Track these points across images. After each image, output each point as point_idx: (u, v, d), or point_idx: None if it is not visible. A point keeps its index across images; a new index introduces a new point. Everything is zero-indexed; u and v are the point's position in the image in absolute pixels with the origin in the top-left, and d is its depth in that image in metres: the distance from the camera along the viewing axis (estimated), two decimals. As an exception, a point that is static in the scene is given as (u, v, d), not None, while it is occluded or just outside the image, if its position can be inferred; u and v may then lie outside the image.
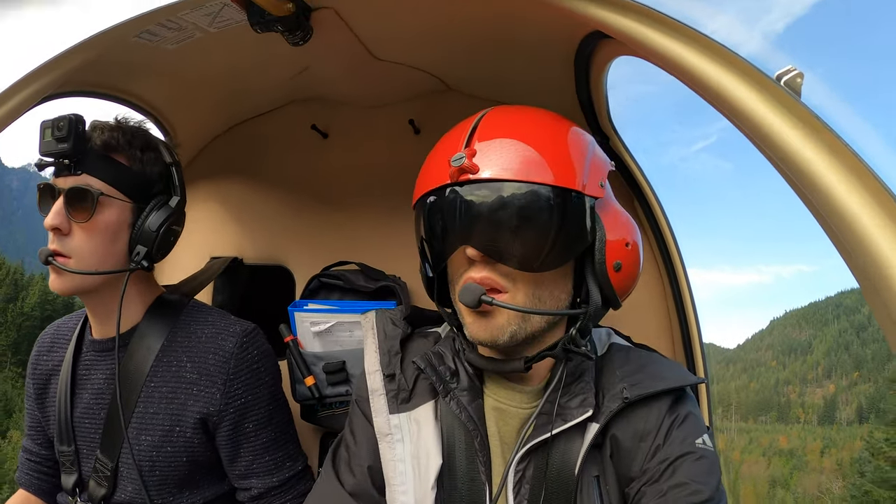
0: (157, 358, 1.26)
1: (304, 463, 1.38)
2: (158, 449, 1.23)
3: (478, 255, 0.85)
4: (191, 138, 1.84)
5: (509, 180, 0.83)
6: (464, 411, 0.94)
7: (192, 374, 1.24)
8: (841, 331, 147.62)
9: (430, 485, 0.94)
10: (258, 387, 1.28)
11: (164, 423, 1.23)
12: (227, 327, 1.30)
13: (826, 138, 0.70)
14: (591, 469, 0.91)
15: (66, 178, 1.16)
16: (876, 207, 0.67)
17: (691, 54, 0.81)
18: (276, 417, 1.33)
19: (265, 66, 1.55)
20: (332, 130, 1.86)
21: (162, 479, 1.25)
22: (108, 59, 1.31)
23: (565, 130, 0.91)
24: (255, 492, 1.30)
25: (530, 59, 1.37)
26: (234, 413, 1.25)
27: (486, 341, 0.88)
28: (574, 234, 0.87)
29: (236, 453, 1.28)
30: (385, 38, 1.43)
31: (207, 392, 1.23)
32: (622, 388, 0.91)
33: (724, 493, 0.88)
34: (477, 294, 0.83)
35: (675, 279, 1.51)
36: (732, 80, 0.77)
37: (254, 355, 1.29)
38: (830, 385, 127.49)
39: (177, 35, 1.29)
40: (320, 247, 1.86)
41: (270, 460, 1.31)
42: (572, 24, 1.12)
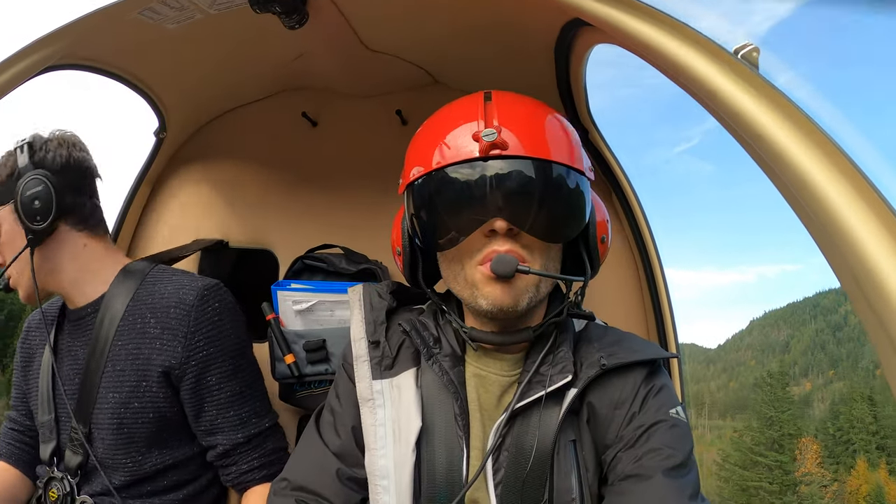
0: (123, 317, 1.30)
1: (272, 421, 1.40)
2: (125, 405, 1.26)
3: (505, 227, 0.89)
4: (183, 121, 1.89)
5: (536, 158, 0.89)
6: (445, 375, 0.99)
7: (155, 328, 1.28)
8: (818, 330, 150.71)
9: (409, 448, 0.97)
10: (220, 339, 1.30)
11: (131, 380, 1.27)
12: (190, 283, 1.34)
13: (781, 103, 0.75)
14: (568, 433, 0.95)
15: None
16: (832, 168, 0.70)
17: (666, 38, 0.86)
18: (240, 372, 1.34)
19: (262, 51, 1.60)
20: (321, 119, 1.92)
21: (130, 436, 1.27)
22: (110, 34, 1.36)
23: (557, 115, 0.99)
24: (221, 449, 1.32)
25: (513, 52, 1.44)
26: (195, 366, 1.27)
27: (510, 306, 0.91)
28: (583, 210, 0.96)
29: (200, 408, 1.30)
30: (377, 29, 1.50)
31: (170, 345, 1.26)
32: (599, 357, 0.96)
33: (695, 462, 0.93)
34: (513, 265, 0.87)
35: (650, 269, 1.59)
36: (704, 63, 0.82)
37: (215, 308, 1.32)
38: (807, 383, 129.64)
39: (178, 14, 1.34)
40: (306, 232, 1.91)
41: (235, 416, 1.32)
42: (553, 13, 1.19)
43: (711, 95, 0.81)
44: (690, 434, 0.96)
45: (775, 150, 0.74)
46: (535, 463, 0.93)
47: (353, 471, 1.03)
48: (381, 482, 0.98)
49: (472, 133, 0.90)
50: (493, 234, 0.90)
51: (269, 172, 1.97)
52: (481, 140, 0.87)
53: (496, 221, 0.88)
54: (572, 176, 0.93)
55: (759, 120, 0.75)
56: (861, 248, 0.65)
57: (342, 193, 1.92)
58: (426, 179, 0.94)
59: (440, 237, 0.94)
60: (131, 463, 1.29)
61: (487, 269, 0.89)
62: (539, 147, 0.90)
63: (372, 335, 1.06)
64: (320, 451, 1.06)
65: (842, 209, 0.67)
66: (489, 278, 0.90)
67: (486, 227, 0.90)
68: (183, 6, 1.32)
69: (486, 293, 0.92)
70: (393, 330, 1.08)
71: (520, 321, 0.98)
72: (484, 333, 0.99)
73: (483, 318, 0.99)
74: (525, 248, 0.91)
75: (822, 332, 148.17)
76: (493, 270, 0.88)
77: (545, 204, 0.90)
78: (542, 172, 0.90)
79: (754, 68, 0.78)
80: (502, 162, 0.88)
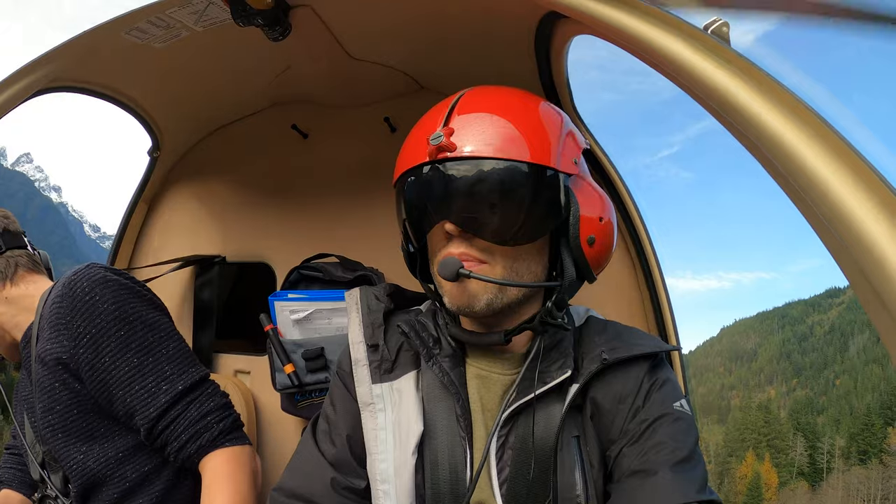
0: (37, 336, 1.29)
1: (190, 379, 1.24)
2: (50, 411, 1.24)
3: (455, 229, 0.88)
4: (176, 139, 1.92)
5: (485, 157, 0.86)
6: (446, 376, 0.98)
7: (45, 331, 1.25)
8: (784, 340, 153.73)
9: (409, 452, 0.96)
10: (98, 316, 1.20)
11: (45, 386, 1.24)
12: (62, 278, 1.30)
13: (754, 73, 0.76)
14: (571, 429, 0.94)
15: None
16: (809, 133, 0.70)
17: (638, 21, 0.87)
18: (132, 342, 1.21)
19: (249, 66, 1.64)
20: (312, 131, 1.95)
21: (65, 438, 1.25)
22: (99, 56, 1.40)
23: (538, 107, 0.94)
24: (144, 430, 1.21)
25: (494, 51, 1.46)
26: (85, 352, 1.19)
27: (464, 306, 0.91)
28: (547, 210, 0.90)
29: (109, 393, 1.20)
30: (360, 37, 1.52)
31: (57, 340, 1.22)
32: (601, 351, 0.95)
33: (701, 454, 0.91)
34: (455, 267, 0.87)
35: (647, 269, 1.60)
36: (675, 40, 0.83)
37: (83, 287, 1.22)
38: (771, 390, 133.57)
39: (164, 33, 1.38)
40: (301, 243, 1.93)
41: (141, 388, 1.19)
42: (529, 7, 1.21)
43: (685, 71, 0.81)
44: (695, 427, 0.94)
45: (753, 121, 0.74)
46: (539, 460, 0.92)
47: (349, 480, 1.01)
48: (382, 486, 0.96)
49: (427, 136, 0.89)
50: (450, 235, 0.90)
51: (263, 186, 1.99)
52: (429, 144, 0.88)
53: (445, 224, 0.89)
54: (531, 173, 0.88)
55: (732, 90, 0.76)
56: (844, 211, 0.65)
57: (335, 203, 1.94)
58: (397, 183, 0.97)
59: (410, 237, 0.98)
60: (80, 465, 1.25)
61: None
62: (488, 145, 0.87)
63: (370, 338, 1.05)
64: (315, 459, 1.04)
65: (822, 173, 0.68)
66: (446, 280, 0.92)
67: (439, 230, 0.91)
68: (169, 24, 1.35)
69: (446, 292, 0.93)
70: (391, 332, 1.06)
71: (496, 321, 0.97)
72: (462, 332, 0.99)
73: (465, 318, 1.01)
74: (483, 251, 0.90)
75: (788, 341, 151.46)
76: (439, 273, 0.90)
77: (494, 205, 0.87)
78: (488, 172, 0.86)
79: (725, 42, 0.79)
80: (450, 165, 0.88)
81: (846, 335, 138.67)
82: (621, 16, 0.89)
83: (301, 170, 1.96)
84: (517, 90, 0.98)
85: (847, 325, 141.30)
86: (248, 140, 1.99)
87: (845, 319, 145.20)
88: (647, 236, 1.62)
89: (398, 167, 0.96)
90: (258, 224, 1.98)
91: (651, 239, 1.62)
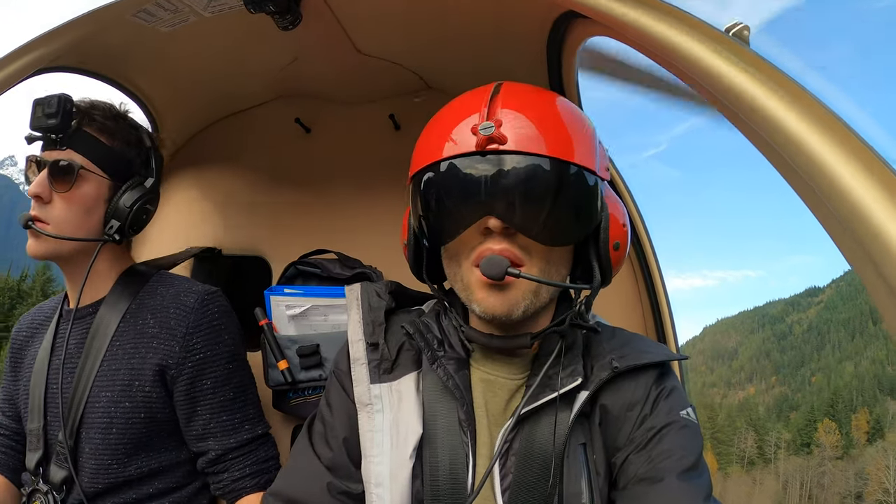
0: (124, 318, 1.31)
1: (264, 429, 1.40)
2: (117, 404, 1.25)
3: (500, 226, 0.85)
4: (177, 129, 1.89)
5: (540, 154, 0.84)
6: (451, 379, 0.95)
7: (153, 328, 1.29)
8: (764, 339, 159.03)
9: (407, 455, 0.93)
10: (217, 344, 1.32)
11: (125, 378, 1.26)
12: (191, 287, 1.37)
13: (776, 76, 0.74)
14: (578, 437, 0.92)
15: (52, 152, 1.26)
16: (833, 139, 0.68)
17: (659, 23, 0.85)
18: (234, 378, 1.35)
19: (255, 55, 1.61)
20: (315, 126, 1.93)
21: (119, 437, 1.25)
22: (104, 37, 1.37)
23: (579, 113, 0.94)
24: (213, 454, 1.31)
25: (504, 52, 1.45)
26: (191, 367, 1.28)
27: (502, 315, 0.88)
28: (590, 213, 0.90)
29: (193, 411, 1.30)
30: (369, 31, 1.51)
31: (167, 345, 1.27)
32: (611, 359, 0.93)
33: (706, 463, 0.90)
34: (503, 266, 0.83)
35: (649, 276, 1.59)
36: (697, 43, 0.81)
37: (214, 312, 1.33)
38: (751, 388, 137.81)
39: (172, 17, 1.35)
40: (299, 238, 1.90)
41: (228, 420, 1.32)
42: (546, 6, 1.19)
43: (706, 74, 0.81)
44: (701, 435, 0.93)
45: (773, 124, 0.73)
46: (545, 467, 0.90)
47: (345, 484, 0.99)
48: (377, 490, 0.94)
49: (472, 126, 0.86)
50: (489, 232, 0.87)
51: (263, 179, 1.97)
52: (478, 133, 0.84)
53: (490, 219, 0.85)
54: (577, 174, 0.87)
55: (754, 94, 0.75)
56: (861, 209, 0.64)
57: (336, 199, 1.92)
58: (426, 173, 0.91)
59: (437, 232, 0.92)
60: (116, 465, 1.25)
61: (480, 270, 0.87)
62: (541, 142, 0.85)
63: (370, 337, 1.02)
64: (311, 463, 1.02)
65: (846, 180, 0.66)
66: (482, 283, 0.88)
67: (480, 225, 0.86)
68: (177, 8, 1.33)
69: (480, 299, 0.89)
70: (392, 331, 1.04)
71: (521, 325, 0.95)
72: (481, 335, 0.95)
73: (483, 320, 0.96)
74: (522, 250, 0.87)
75: (768, 340, 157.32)
76: (483, 271, 0.85)
77: (543, 203, 0.85)
78: (542, 170, 0.84)
79: (746, 45, 0.79)
80: (499, 157, 0.84)
81: (823, 333, 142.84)
82: (643, 16, 0.88)
83: (302, 164, 1.94)
84: (550, 91, 0.96)
85: (824, 324, 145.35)
86: (250, 132, 1.97)
87: (823, 318, 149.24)
88: (651, 245, 1.62)
89: (423, 157, 0.92)
90: (256, 217, 1.95)
91: (654, 246, 1.61)
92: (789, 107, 0.72)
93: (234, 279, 2.05)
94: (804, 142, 0.70)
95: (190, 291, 1.34)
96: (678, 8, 0.86)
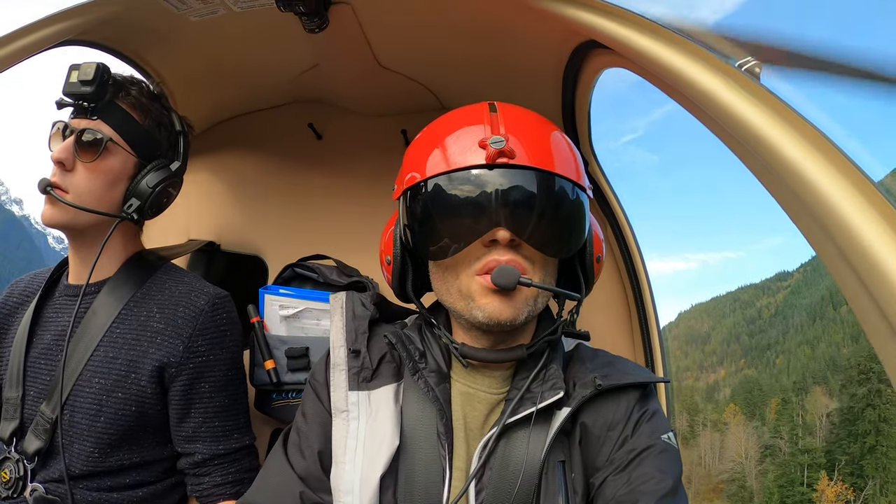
0: (127, 306, 1.29)
1: (251, 440, 1.39)
2: (109, 393, 1.22)
3: (508, 237, 0.87)
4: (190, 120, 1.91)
5: (547, 171, 0.89)
6: (431, 391, 0.95)
7: (159, 323, 1.27)
8: (735, 323, 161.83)
9: (380, 465, 0.93)
10: (221, 349, 1.31)
11: (121, 369, 1.23)
12: (202, 288, 1.35)
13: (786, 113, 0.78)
14: (557, 454, 0.92)
15: (82, 120, 1.25)
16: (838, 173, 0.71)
17: (676, 56, 0.89)
18: (231, 386, 1.34)
19: (277, 57, 1.64)
20: (327, 133, 1.96)
21: (106, 426, 1.22)
22: (133, 17, 1.39)
23: (567, 138, 0.99)
24: (199, 457, 1.29)
25: (521, 76, 1.49)
26: (192, 368, 1.27)
27: (507, 320, 0.90)
28: (584, 227, 0.96)
29: (187, 412, 1.29)
30: (392, 45, 1.55)
31: (171, 342, 1.25)
32: (594, 377, 0.94)
33: (684, 487, 0.91)
34: (515, 276, 0.86)
35: (639, 293, 1.60)
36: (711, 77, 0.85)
37: (223, 317, 1.33)
38: (722, 371, 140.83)
39: (202, 7, 1.37)
40: (299, 242, 1.90)
41: (220, 426, 1.31)
42: (567, 34, 1.23)
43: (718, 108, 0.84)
44: (680, 459, 0.93)
45: (781, 158, 0.76)
46: (522, 483, 0.90)
47: (318, 495, 0.98)
48: (345, 498, 0.93)
49: (479, 140, 0.88)
50: (494, 243, 0.88)
51: (269, 180, 1.98)
52: (488, 147, 0.86)
53: (499, 231, 0.87)
54: (576, 191, 0.93)
55: (763, 128, 0.78)
56: (865, 246, 0.66)
57: (340, 207, 1.93)
58: (426, 185, 0.92)
59: (437, 245, 0.92)
60: (98, 453, 1.23)
61: (487, 279, 0.88)
62: (545, 159, 0.89)
63: (353, 343, 1.03)
64: (285, 472, 1.01)
65: (847, 211, 0.69)
66: (488, 290, 0.89)
67: (487, 237, 0.88)
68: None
69: (483, 305, 0.90)
70: (374, 341, 1.05)
71: (512, 337, 0.97)
72: (476, 350, 0.96)
73: (475, 333, 0.97)
74: (526, 260, 0.90)
75: (738, 324, 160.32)
76: (496, 282, 0.87)
77: (550, 216, 0.89)
78: (549, 184, 0.89)
79: (756, 80, 0.82)
80: (508, 171, 0.87)
81: (788, 317, 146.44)
82: (662, 49, 0.92)
83: (310, 170, 1.96)
84: (541, 115, 1.00)
85: (789, 309, 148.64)
86: (262, 132, 1.99)
87: (789, 303, 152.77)
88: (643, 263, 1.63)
89: (421, 169, 0.93)
90: (258, 216, 1.96)
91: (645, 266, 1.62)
92: (800, 145, 0.75)
93: (231, 275, 2.04)
94: (812, 179, 0.73)
95: (201, 293, 1.32)
96: (694, 41, 0.89)
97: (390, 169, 1.83)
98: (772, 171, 0.79)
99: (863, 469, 67.56)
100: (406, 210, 0.96)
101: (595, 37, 1.07)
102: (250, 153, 1.99)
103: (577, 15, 1.04)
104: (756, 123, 0.79)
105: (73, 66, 1.22)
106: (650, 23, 0.94)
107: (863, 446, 67.77)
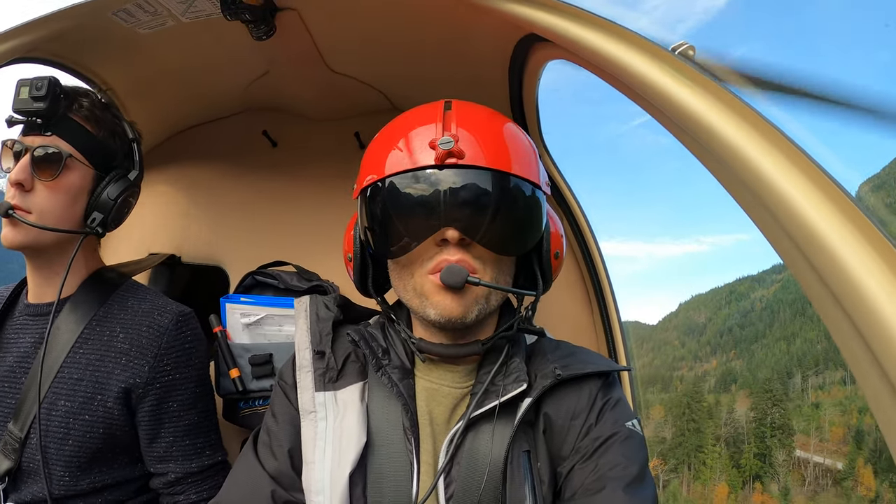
0: (89, 325, 1.26)
1: (223, 456, 1.38)
2: (75, 416, 1.20)
3: (457, 237, 0.88)
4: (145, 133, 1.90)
5: (496, 169, 0.89)
6: (395, 387, 0.97)
7: (123, 343, 1.24)
8: (729, 315, 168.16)
9: (349, 463, 0.94)
10: (187, 367, 1.30)
11: (87, 390, 1.21)
12: (165, 305, 1.33)
13: (722, 94, 0.80)
14: (522, 444, 0.94)
15: (35, 136, 1.21)
16: (775, 152, 0.74)
17: (614, 45, 0.92)
18: (200, 403, 1.34)
19: (228, 67, 1.65)
20: (281, 140, 1.97)
21: (74, 449, 1.20)
22: (82, 32, 1.39)
23: (524, 134, 0.99)
24: (172, 476, 1.28)
25: (468, 73, 1.52)
26: (159, 388, 1.25)
27: (458, 317, 0.91)
28: (538, 225, 0.96)
29: (157, 433, 1.27)
30: (340, 49, 1.57)
31: (136, 364, 1.23)
32: (554, 367, 0.96)
33: (650, 474, 0.92)
34: (462, 275, 0.87)
35: (599, 288, 1.65)
36: (656, 70, 0.87)
37: (187, 335, 1.31)
38: (714, 361, 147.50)
39: (151, 19, 1.38)
40: (259, 250, 1.91)
41: (191, 445, 1.31)
42: (509, 29, 1.27)
43: (655, 92, 0.87)
44: (646, 446, 0.95)
45: (720, 139, 0.78)
46: (489, 476, 0.91)
47: (290, 494, 0.98)
48: (316, 498, 0.93)
49: (429, 140, 0.89)
50: (445, 242, 0.89)
51: (226, 189, 1.98)
52: (437, 148, 0.87)
53: (448, 231, 0.88)
54: (529, 189, 0.93)
55: (700, 109, 0.81)
56: (810, 229, 0.69)
57: (297, 213, 1.94)
58: (380, 186, 0.93)
59: (392, 244, 0.93)
60: (68, 477, 1.20)
61: (437, 278, 0.89)
62: (496, 157, 0.89)
63: (317, 345, 1.04)
64: (256, 472, 1.01)
65: (789, 191, 0.71)
66: (439, 288, 0.90)
67: (437, 236, 0.89)
68: (157, 11, 1.36)
69: (436, 303, 0.91)
70: (339, 342, 1.06)
71: (469, 333, 0.98)
72: (432, 345, 0.98)
73: (432, 329, 0.98)
74: (477, 259, 0.91)
75: (732, 316, 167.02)
76: (444, 281, 0.88)
77: (499, 216, 0.89)
78: (498, 184, 0.89)
79: (691, 62, 0.86)
80: (457, 171, 0.88)
81: (775, 312, 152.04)
82: (598, 38, 0.95)
83: (267, 177, 1.97)
84: (498, 112, 1.02)
85: (777, 303, 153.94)
86: (216, 142, 1.99)
87: (777, 297, 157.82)
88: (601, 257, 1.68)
89: (377, 169, 0.94)
90: (217, 227, 1.96)
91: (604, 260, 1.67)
92: (730, 120, 0.78)
93: (192, 287, 2.04)
94: (748, 156, 0.75)
95: (164, 311, 1.30)
96: (629, 29, 0.93)
97: (345, 172, 1.87)
98: (714, 156, 0.82)
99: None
100: (364, 210, 0.97)
101: (534, 30, 1.10)
102: (207, 163, 1.99)
103: (515, 9, 1.07)
104: (692, 105, 0.82)
105: (21, 81, 1.19)
106: (586, 13, 0.97)
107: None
